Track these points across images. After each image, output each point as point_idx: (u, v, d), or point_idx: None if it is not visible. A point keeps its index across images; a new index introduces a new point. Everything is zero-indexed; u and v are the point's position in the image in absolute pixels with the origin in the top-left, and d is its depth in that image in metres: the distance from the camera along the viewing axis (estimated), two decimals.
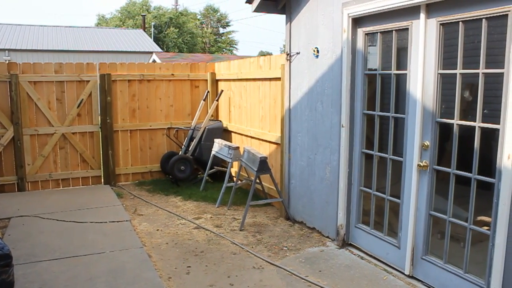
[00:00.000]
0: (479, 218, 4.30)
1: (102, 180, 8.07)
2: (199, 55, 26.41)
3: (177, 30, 45.25)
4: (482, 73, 3.69)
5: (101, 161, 8.02)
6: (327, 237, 5.42)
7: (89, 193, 7.49)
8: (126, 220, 5.99)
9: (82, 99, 7.70)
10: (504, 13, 3.40)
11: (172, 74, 8.43)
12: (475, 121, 3.86)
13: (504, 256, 3.75)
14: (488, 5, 3.54)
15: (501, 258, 3.76)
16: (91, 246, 5.12)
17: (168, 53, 29.70)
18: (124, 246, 5.10)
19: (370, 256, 4.92)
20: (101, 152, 8.00)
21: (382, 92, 4.74)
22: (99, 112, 7.91)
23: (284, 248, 5.20)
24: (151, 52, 25.32)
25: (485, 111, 3.88)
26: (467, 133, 4.16)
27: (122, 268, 4.54)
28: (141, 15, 38.39)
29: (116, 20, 47.21)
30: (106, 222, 5.91)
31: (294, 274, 4.49)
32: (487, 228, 3.96)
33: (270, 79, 6.77)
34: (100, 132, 7.94)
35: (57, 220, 5.99)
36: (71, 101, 7.69)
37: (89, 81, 7.74)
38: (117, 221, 5.95)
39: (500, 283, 3.78)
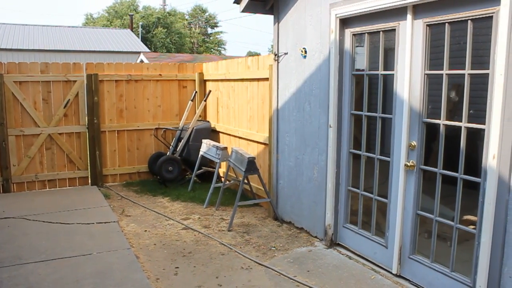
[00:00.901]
0: (465, 217, 4.34)
1: (89, 181, 8.01)
2: (185, 54, 26.36)
3: (165, 30, 45.09)
4: (468, 74, 3.73)
5: (88, 161, 7.95)
6: (315, 237, 5.43)
7: (76, 194, 7.42)
8: (114, 221, 5.94)
9: (69, 99, 7.64)
10: (489, 15, 3.44)
11: (160, 74, 8.40)
12: (461, 122, 3.90)
13: (490, 255, 3.80)
14: (473, 6, 3.58)
15: (487, 256, 3.81)
16: (78, 247, 5.07)
17: (155, 53, 29.60)
18: (112, 248, 5.06)
19: (358, 255, 4.94)
20: (88, 152, 7.94)
21: (369, 92, 4.76)
22: (86, 113, 7.85)
23: (272, 248, 5.21)
24: (139, 52, 25.20)
25: (471, 111, 3.91)
26: (453, 133, 4.20)
27: (109, 270, 4.50)
28: (129, 15, 38.17)
29: (103, 19, 46.91)
30: (93, 223, 5.87)
31: (283, 274, 4.50)
32: (473, 227, 4.00)
33: (258, 80, 6.77)
34: (87, 133, 7.88)
35: (43, 221, 5.93)
36: (58, 101, 7.62)
37: (76, 81, 7.67)
38: (105, 222, 5.90)
39: (486, 281, 3.82)
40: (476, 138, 4.07)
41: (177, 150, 8.00)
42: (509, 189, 3.61)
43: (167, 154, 8.06)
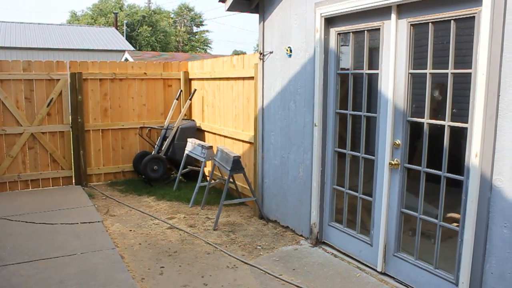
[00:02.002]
0: (449, 215, 4.40)
1: (73, 181, 7.93)
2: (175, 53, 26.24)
3: (150, 28, 44.83)
4: (451, 73, 3.77)
5: (72, 161, 7.87)
6: (301, 235, 5.45)
7: (60, 194, 7.34)
8: (98, 221, 5.89)
9: (52, 98, 7.55)
10: (471, 15, 3.48)
11: (145, 73, 8.34)
12: (444, 120, 3.94)
13: (472, 252, 3.84)
14: (456, 7, 3.61)
15: (469, 253, 3.85)
16: (62, 248, 5.02)
17: (142, 51, 29.42)
18: (96, 248, 5.02)
19: (344, 254, 4.97)
20: (72, 152, 7.85)
21: (354, 91, 4.79)
22: (70, 112, 7.76)
23: (258, 247, 5.21)
24: (124, 51, 25.02)
25: (454, 110, 3.96)
26: (437, 132, 4.25)
27: (94, 270, 4.46)
28: (113, 13, 37.89)
29: (87, 17, 46.48)
30: (77, 223, 5.81)
31: (268, 273, 4.50)
32: (456, 224, 4.05)
33: (243, 78, 6.76)
34: (71, 132, 7.79)
35: (26, 222, 5.85)
36: (41, 100, 7.52)
37: (59, 79, 7.58)
38: (89, 222, 5.85)
39: (468, 277, 3.87)
40: (459, 137, 4.12)
41: (162, 149, 7.96)
42: (491, 187, 3.66)
43: (152, 153, 8.01)
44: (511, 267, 3.65)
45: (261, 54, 5.91)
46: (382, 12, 4.23)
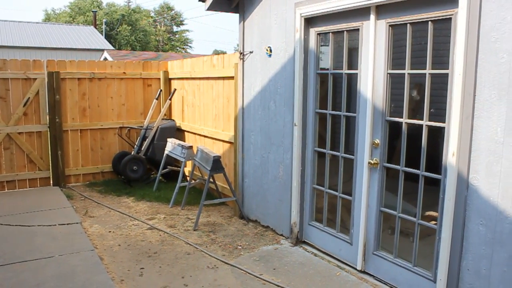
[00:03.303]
0: (427, 213, 4.46)
1: (51, 182, 7.80)
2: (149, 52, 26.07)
3: (130, 27, 44.43)
4: (429, 73, 3.82)
5: (50, 162, 7.74)
6: (281, 235, 5.46)
7: (37, 195, 7.22)
8: (77, 223, 5.81)
9: (29, 98, 7.42)
10: (448, 16, 3.53)
11: (124, 73, 8.26)
12: (422, 120, 3.99)
13: (450, 249, 3.90)
14: (434, 8, 3.66)
15: (447, 251, 3.91)
16: (39, 250, 4.93)
17: (121, 51, 29.14)
18: (74, 249, 4.95)
19: (324, 253, 4.99)
20: (49, 152, 7.74)
21: (334, 91, 4.82)
22: (48, 111, 7.64)
23: (239, 247, 5.20)
24: (102, 50, 24.75)
25: (431, 110, 4.01)
26: (415, 132, 4.30)
27: (72, 272, 4.40)
28: (92, 12, 37.44)
29: (65, 16, 45.84)
30: (55, 225, 5.72)
31: (249, 273, 4.50)
32: (434, 222, 4.11)
33: (223, 78, 6.75)
34: (49, 132, 7.67)
35: (2, 224, 5.74)
36: (17, 99, 7.38)
37: (36, 79, 7.46)
38: (67, 224, 5.77)
39: (446, 274, 3.93)
40: (437, 136, 4.18)
41: (142, 149, 7.90)
42: (468, 186, 3.72)
43: (132, 153, 7.94)
44: (486, 263, 3.73)
45: (241, 53, 5.90)
46: (361, 12, 4.26)
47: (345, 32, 4.52)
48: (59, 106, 7.63)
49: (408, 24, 3.89)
